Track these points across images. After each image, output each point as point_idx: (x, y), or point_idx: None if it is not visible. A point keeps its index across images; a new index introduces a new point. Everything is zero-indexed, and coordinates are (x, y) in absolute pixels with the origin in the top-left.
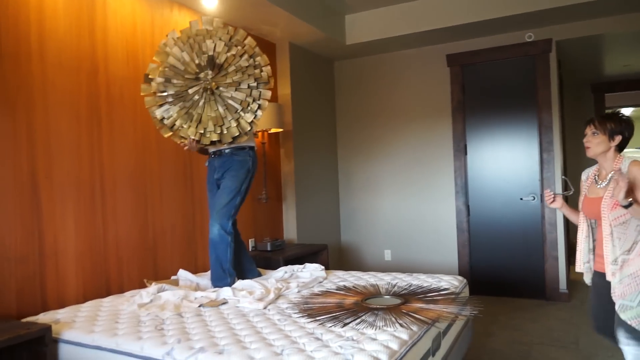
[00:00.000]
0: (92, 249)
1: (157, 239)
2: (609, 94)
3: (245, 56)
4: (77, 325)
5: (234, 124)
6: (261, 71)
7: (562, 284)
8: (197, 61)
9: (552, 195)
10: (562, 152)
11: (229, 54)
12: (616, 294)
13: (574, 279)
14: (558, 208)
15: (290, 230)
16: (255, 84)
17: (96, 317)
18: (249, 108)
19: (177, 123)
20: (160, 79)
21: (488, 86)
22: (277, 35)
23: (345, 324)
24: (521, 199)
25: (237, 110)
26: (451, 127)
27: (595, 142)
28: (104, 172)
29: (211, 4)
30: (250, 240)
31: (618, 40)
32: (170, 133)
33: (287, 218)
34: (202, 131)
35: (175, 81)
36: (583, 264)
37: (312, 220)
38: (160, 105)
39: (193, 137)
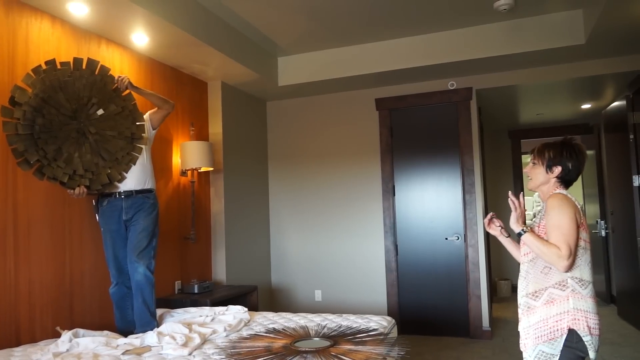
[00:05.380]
0: (0, 295)
1: (75, 284)
2: (525, 140)
3: (126, 111)
4: None
5: (106, 171)
6: (137, 127)
7: (485, 322)
8: (74, 106)
9: (490, 217)
10: (483, 193)
11: (109, 107)
12: (521, 343)
13: (496, 317)
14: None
15: (219, 272)
16: (130, 136)
17: None
18: (122, 159)
19: (43, 161)
20: (28, 107)
21: (414, 130)
22: (209, 74)
23: None
24: (446, 238)
25: (112, 158)
26: (380, 169)
27: (533, 173)
28: (17, 211)
29: (141, 41)
30: (176, 282)
31: (531, 91)
32: (31, 170)
33: (216, 259)
34: (71, 173)
35: (46, 113)
36: None
37: (242, 261)
38: (20, 135)
39: (80, 185)
